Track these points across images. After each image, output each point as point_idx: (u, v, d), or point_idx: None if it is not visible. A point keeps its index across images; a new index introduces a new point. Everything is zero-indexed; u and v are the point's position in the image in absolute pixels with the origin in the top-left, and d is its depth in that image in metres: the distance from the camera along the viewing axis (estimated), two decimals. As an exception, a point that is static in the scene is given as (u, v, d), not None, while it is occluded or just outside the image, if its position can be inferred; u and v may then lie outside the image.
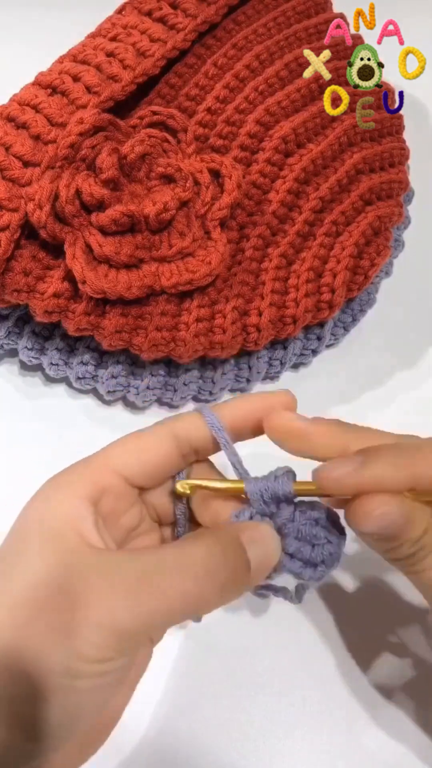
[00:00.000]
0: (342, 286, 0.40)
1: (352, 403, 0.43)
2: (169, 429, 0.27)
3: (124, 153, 0.37)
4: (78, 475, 0.26)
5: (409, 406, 0.43)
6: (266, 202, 0.41)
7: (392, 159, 0.45)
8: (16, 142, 0.37)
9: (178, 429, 0.27)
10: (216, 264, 0.37)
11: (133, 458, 0.27)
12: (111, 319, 0.36)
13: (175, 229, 0.38)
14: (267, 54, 0.44)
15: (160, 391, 0.41)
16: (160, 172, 0.38)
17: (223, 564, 0.24)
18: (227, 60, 0.44)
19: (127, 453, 0.27)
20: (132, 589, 0.23)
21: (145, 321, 0.37)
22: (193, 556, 0.24)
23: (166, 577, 0.23)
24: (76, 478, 0.26)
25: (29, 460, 0.41)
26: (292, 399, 0.28)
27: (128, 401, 0.42)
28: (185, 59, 0.44)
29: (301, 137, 0.42)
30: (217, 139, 0.41)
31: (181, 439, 0.27)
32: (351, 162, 0.43)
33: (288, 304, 0.39)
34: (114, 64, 0.41)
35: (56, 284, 0.36)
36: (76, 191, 0.36)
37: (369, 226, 0.41)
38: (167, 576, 0.23)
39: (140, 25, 0.43)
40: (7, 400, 0.43)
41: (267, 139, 0.42)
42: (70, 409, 0.43)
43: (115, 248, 0.36)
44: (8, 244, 0.36)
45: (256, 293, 0.39)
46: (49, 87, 0.40)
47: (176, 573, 0.23)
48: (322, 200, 0.41)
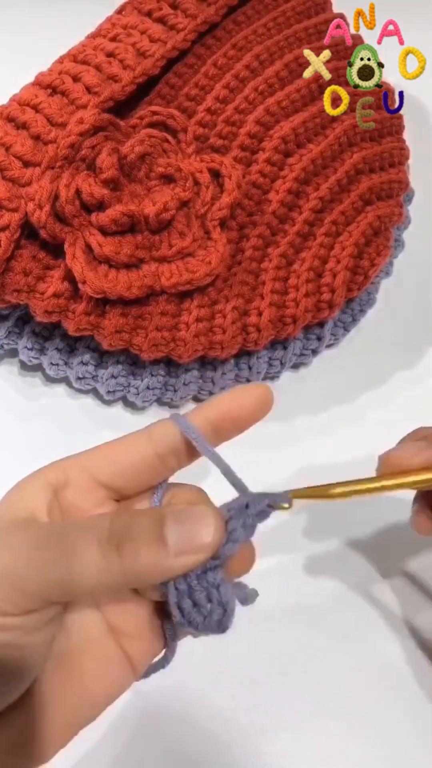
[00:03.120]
0: (342, 286, 0.40)
1: (352, 403, 0.43)
2: (145, 430, 0.27)
3: (124, 153, 0.37)
4: (50, 466, 0.27)
5: (409, 406, 0.43)
6: (266, 202, 0.41)
7: (392, 159, 0.45)
8: (16, 142, 0.37)
9: (152, 430, 0.27)
10: (216, 264, 0.37)
11: (104, 457, 0.26)
12: (111, 319, 0.36)
13: (175, 229, 0.38)
14: (267, 54, 0.44)
15: (160, 391, 0.41)
16: (160, 172, 0.38)
17: (127, 533, 0.23)
18: (227, 60, 0.44)
19: (99, 453, 0.27)
20: (34, 547, 0.23)
21: (145, 321, 0.37)
22: (101, 521, 0.24)
23: (69, 537, 0.23)
24: (47, 467, 0.27)
25: (29, 460, 0.41)
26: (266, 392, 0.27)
27: (128, 401, 0.42)
28: (185, 59, 0.44)
29: (301, 137, 0.42)
30: (217, 139, 0.41)
31: (156, 439, 0.26)
32: (351, 162, 0.43)
33: (288, 304, 0.39)
34: (114, 64, 0.41)
35: (56, 284, 0.36)
36: (76, 191, 0.36)
37: (369, 226, 0.41)
38: (70, 535, 0.23)
39: (140, 26, 0.43)
40: (7, 400, 0.43)
41: (267, 139, 0.42)
42: (70, 409, 0.43)
43: (115, 248, 0.36)
44: (8, 244, 0.36)
45: (256, 293, 0.39)
46: (49, 87, 0.40)
47: (80, 533, 0.23)
48: (322, 200, 0.41)
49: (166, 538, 0.23)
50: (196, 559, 0.23)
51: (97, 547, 0.23)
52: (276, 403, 0.27)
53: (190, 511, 0.24)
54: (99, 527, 0.23)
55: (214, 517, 0.24)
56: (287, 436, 0.41)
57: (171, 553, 0.23)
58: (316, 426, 0.43)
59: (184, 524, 0.24)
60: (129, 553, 0.23)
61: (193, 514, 0.24)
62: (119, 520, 0.24)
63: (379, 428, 0.41)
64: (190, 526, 0.24)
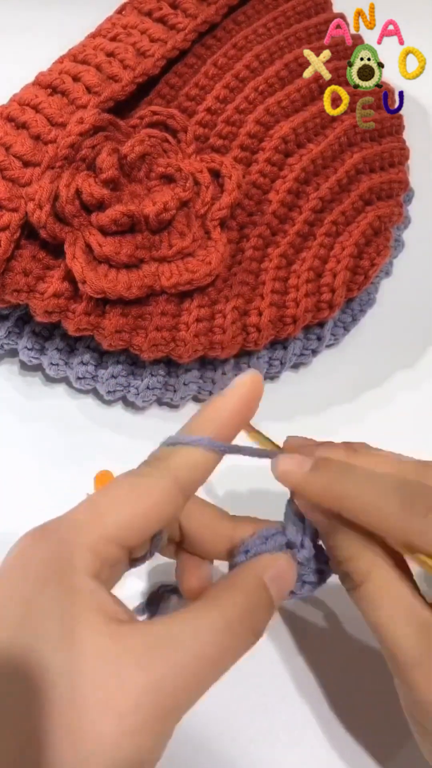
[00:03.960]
0: (342, 286, 0.40)
1: (352, 403, 0.43)
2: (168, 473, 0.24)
3: (124, 153, 0.37)
4: (77, 549, 0.23)
5: (409, 406, 0.43)
6: (266, 202, 0.41)
7: (392, 159, 0.45)
8: (16, 142, 0.37)
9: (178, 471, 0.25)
10: (216, 264, 0.37)
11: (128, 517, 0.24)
12: (111, 319, 0.36)
13: (175, 229, 0.38)
14: (267, 54, 0.44)
15: (160, 391, 0.41)
16: (160, 172, 0.38)
17: (249, 614, 0.23)
18: (227, 60, 0.44)
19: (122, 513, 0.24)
20: (143, 657, 0.21)
21: (145, 321, 0.37)
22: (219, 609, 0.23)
23: (179, 643, 0.22)
24: (75, 553, 0.23)
25: (29, 460, 0.41)
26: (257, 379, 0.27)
27: (128, 401, 0.42)
28: (185, 59, 0.44)
29: (301, 137, 0.42)
30: (217, 139, 0.41)
31: (181, 479, 0.25)
32: (351, 162, 0.43)
33: (288, 304, 0.39)
34: (114, 64, 0.41)
35: (56, 284, 0.36)
36: (76, 191, 0.36)
37: (369, 226, 0.41)
38: (179, 642, 0.22)
39: (140, 25, 0.43)
40: (7, 400, 0.43)
41: (267, 139, 0.42)
42: (70, 409, 0.43)
43: (115, 248, 0.36)
44: (8, 244, 0.36)
45: (256, 293, 0.39)
46: (49, 87, 0.40)
47: (191, 635, 0.22)
48: (322, 200, 0.41)
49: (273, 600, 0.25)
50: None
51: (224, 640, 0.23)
52: (276, 403, 0.27)
53: (276, 565, 0.26)
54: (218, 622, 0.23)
55: (292, 563, 0.27)
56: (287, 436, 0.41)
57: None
58: (316, 426, 0.42)
59: (279, 582, 0.25)
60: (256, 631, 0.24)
61: (280, 568, 0.26)
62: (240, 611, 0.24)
63: (379, 428, 0.41)
64: (283, 581, 0.26)
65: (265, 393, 0.28)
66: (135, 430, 0.42)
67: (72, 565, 0.22)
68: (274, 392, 0.43)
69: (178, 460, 0.25)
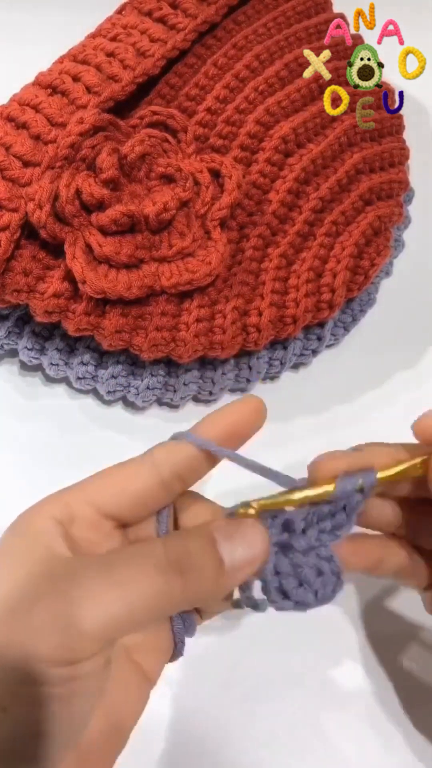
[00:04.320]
0: (342, 286, 0.40)
1: (352, 403, 0.43)
2: (148, 457, 0.26)
3: (124, 153, 0.37)
4: (50, 500, 0.26)
5: (409, 406, 0.43)
6: (266, 202, 0.41)
7: (392, 159, 0.45)
8: (16, 142, 0.37)
9: (156, 456, 0.26)
10: (216, 264, 0.37)
11: (107, 489, 0.26)
12: (111, 319, 0.36)
13: (175, 229, 0.38)
14: (267, 54, 0.44)
15: (160, 391, 0.41)
16: (160, 172, 0.38)
17: (186, 557, 0.23)
18: (227, 60, 0.44)
19: (103, 485, 0.26)
20: (80, 585, 0.22)
21: (145, 321, 0.37)
22: (154, 548, 0.23)
23: (125, 567, 0.23)
24: (47, 502, 0.26)
25: (29, 460, 0.41)
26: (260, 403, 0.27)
27: (128, 401, 0.42)
28: (185, 59, 0.44)
29: (301, 137, 0.42)
30: (217, 139, 0.41)
31: (160, 465, 0.26)
32: (351, 162, 0.43)
33: (288, 304, 0.39)
34: (114, 64, 0.41)
35: (56, 284, 0.36)
36: (76, 191, 0.36)
37: (369, 226, 0.41)
38: (125, 566, 0.23)
39: (140, 25, 0.43)
40: (7, 400, 0.43)
41: (267, 139, 0.42)
42: (70, 409, 0.43)
43: (115, 248, 0.36)
44: (8, 244, 0.36)
45: (256, 293, 0.39)
46: (49, 87, 0.40)
47: (133, 562, 0.23)
48: (322, 200, 0.41)
49: (223, 558, 0.23)
50: (249, 571, 0.24)
51: (156, 574, 0.23)
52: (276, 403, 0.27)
53: (236, 527, 0.24)
54: (154, 554, 0.23)
55: (258, 528, 0.24)
56: (287, 436, 0.41)
57: (228, 570, 0.23)
58: (316, 426, 0.43)
59: (234, 541, 0.24)
60: (193, 577, 0.23)
61: (240, 530, 0.24)
62: (174, 546, 0.24)
63: (379, 428, 0.41)
64: (241, 541, 0.24)
65: (265, 393, 0.28)
66: (135, 430, 0.42)
67: (35, 511, 0.26)
68: (274, 392, 0.43)
69: (160, 454, 0.26)
